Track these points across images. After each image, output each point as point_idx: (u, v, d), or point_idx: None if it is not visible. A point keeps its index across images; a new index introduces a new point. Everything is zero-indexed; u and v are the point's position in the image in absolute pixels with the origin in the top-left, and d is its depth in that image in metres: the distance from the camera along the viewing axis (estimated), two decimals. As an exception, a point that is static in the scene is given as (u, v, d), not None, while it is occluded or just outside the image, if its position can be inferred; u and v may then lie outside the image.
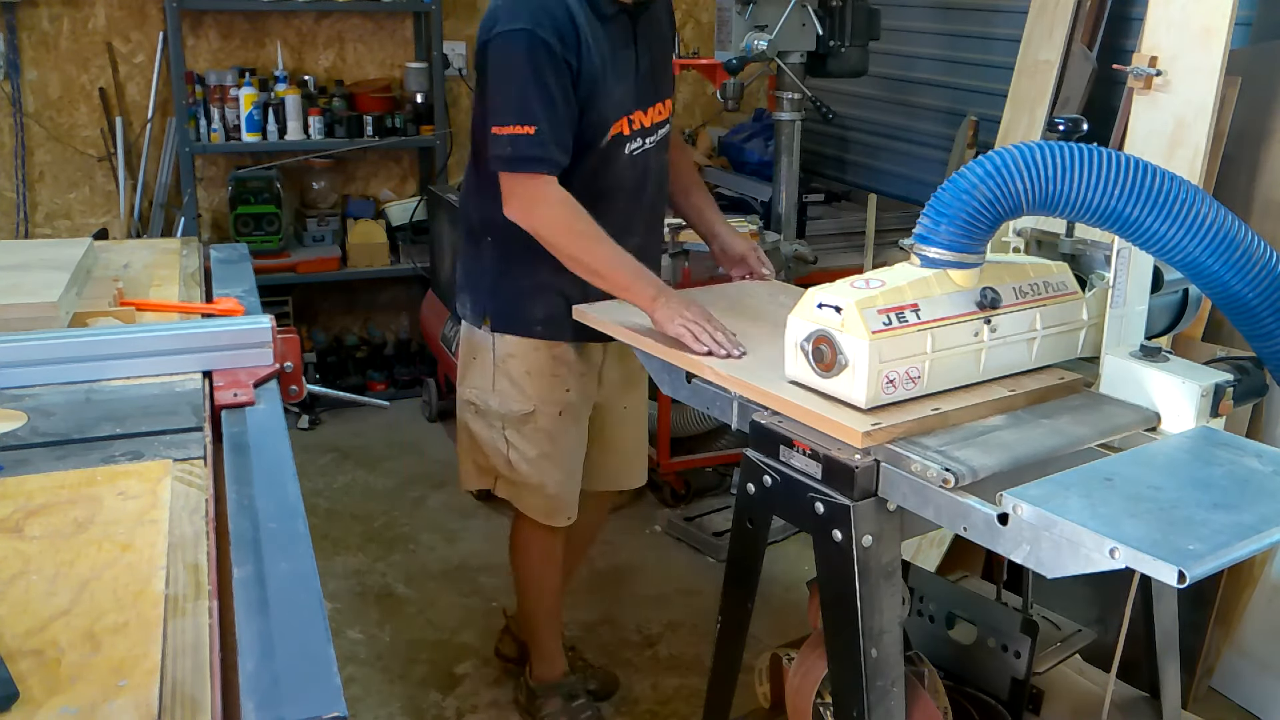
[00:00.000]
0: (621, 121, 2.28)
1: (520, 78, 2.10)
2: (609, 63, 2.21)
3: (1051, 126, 1.83)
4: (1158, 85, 2.72)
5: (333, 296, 5.00)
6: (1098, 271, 1.89)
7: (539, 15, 2.09)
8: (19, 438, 1.30)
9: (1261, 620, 2.78)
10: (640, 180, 2.38)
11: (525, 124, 2.10)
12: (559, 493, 2.49)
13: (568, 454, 2.48)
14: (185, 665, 0.88)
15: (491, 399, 2.44)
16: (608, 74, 2.20)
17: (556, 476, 2.47)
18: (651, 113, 2.34)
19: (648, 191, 2.41)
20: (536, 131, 2.10)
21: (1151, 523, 1.39)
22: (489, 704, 2.85)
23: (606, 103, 2.22)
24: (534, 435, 2.43)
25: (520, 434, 2.43)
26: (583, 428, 2.51)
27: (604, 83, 2.20)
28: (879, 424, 1.65)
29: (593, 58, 2.16)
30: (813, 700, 1.97)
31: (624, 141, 2.30)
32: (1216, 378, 1.72)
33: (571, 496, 2.52)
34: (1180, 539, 1.34)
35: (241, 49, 4.66)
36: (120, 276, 1.89)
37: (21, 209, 4.49)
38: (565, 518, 2.53)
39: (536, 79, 2.09)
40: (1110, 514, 1.40)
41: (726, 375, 1.93)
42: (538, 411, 2.41)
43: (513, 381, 2.41)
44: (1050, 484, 1.49)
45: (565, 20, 2.11)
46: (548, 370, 2.39)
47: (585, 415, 2.51)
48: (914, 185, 4.23)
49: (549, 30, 2.09)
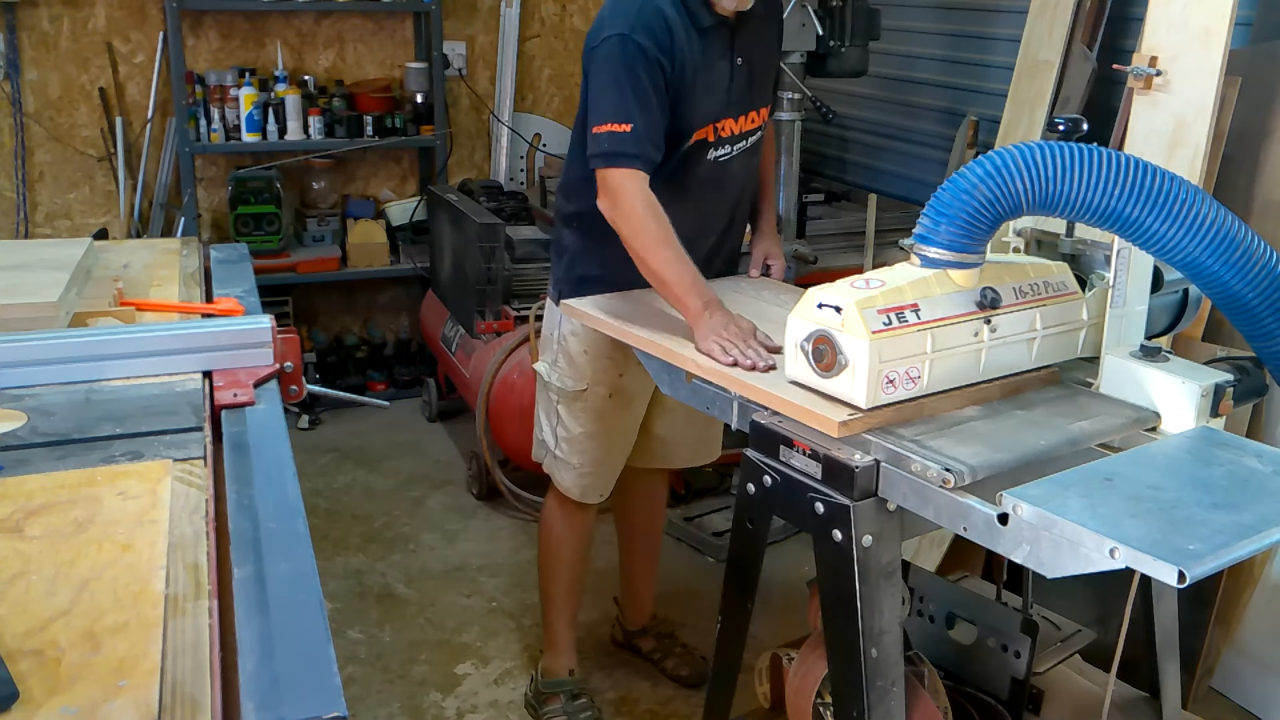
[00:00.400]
0: (707, 129, 2.34)
1: (619, 79, 2.20)
2: (701, 72, 2.28)
3: (1051, 126, 1.83)
4: (1158, 85, 2.72)
5: (333, 296, 5.00)
6: (1098, 271, 1.89)
7: (635, 22, 2.20)
8: (19, 438, 1.30)
9: (1261, 620, 2.78)
10: (722, 184, 2.45)
11: (622, 122, 2.19)
12: (594, 471, 2.59)
13: (612, 434, 2.57)
14: (185, 665, 0.88)
15: (553, 373, 2.56)
16: (698, 83, 2.28)
17: (596, 455, 2.57)
18: (743, 121, 2.41)
19: (730, 195, 2.48)
20: (632, 129, 2.19)
21: (1151, 523, 1.39)
22: (489, 704, 2.85)
23: (694, 110, 2.30)
24: (582, 413, 2.54)
25: (570, 410, 2.55)
26: (634, 413, 2.59)
27: (693, 91, 2.28)
28: (855, 415, 1.68)
29: (685, 66, 2.25)
30: (813, 700, 1.97)
31: (708, 148, 2.36)
32: (1216, 378, 1.72)
33: (606, 478, 2.63)
34: (1180, 539, 1.34)
35: (241, 49, 4.66)
36: (120, 276, 1.89)
37: (21, 209, 4.49)
38: (598, 495, 2.64)
39: (633, 80, 2.19)
40: (1110, 514, 1.40)
41: (708, 368, 1.97)
42: (589, 391, 2.51)
43: (571, 359, 2.51)
44: (1050, 484, 1.49)
45: (662, 28, 2.21)
46: (604, 353, 2.47)
47: (638, 402, 2.59)
48: (914, 185, 4.23)
49: (645, 35, 2.19)
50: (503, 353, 3.72)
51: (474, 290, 3.94)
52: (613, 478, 2.64)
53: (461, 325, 4.14)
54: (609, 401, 2.52)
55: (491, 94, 5.07)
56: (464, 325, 4.11)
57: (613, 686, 2.94)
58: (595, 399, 2.52)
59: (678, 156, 2.31)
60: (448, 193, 4.41)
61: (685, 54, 2.24)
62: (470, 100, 5.04)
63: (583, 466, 2.58)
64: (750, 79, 2.39)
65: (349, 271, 4.71)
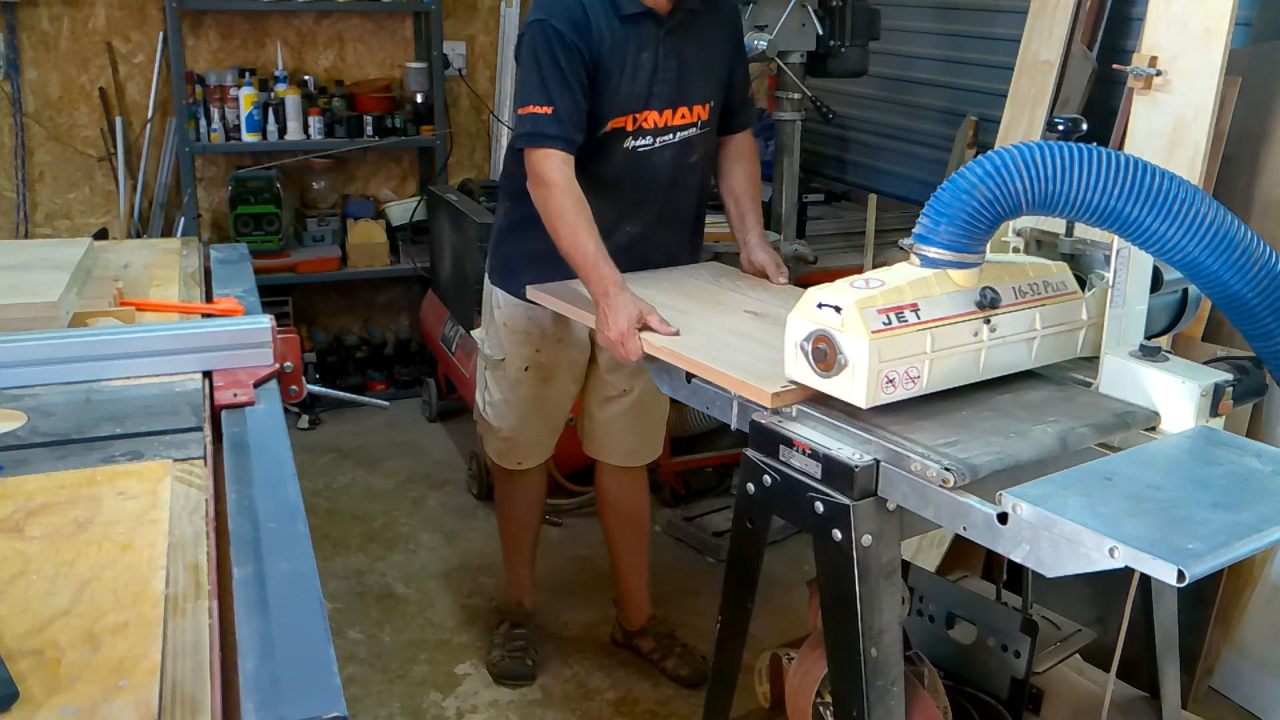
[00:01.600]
0: (625, 118, 2.41)
1: (540, 63, 2.30)
2: (621, 61, 2.35)
3: (1051, 126, 1.83)
4: (1158, 85, 2.72)
5: (333, 296, 5.00)
6: (1098, 271, 1.89)
7: (555, 7, 2.31)
8: (19, 438, 1.30)
9: (1261, 620, 2.78)
10: (645, 176, 2.49)
11: (543, 104, 2.29)
12: (512, 437, 2.81)
13: (526, 404, 2.75)
14: (185, 665, 0.88)
15: (484, 342, 2.78)
16: (616, 71, 2.35)
17: (512, 422, 2.78)
18: (670, 115, 2.46)
19: (656, 188, 2.52)
20: (553, 111, 2.29)
21: (1151, 522, 1.39)
22: (489, 704, 2.85)
23: (610, 98, 2.37)
24: (501, 381, 2.75)
25: (493, 377, 2.77)
26: (555, 389, 2.75)
27: (610, 78, 2.35)
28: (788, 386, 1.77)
29: (601, 53, 2.33)
30: (813, 700, 1.97)
31: (624, 136, 2.43)
32: (1216, 378, 1.71)
33: (525, 448, 2.84)
34: (1180, 538, 1.34)
35: (241, 49, 4.66)
36: (120, 276, 1.89)
37: (21, 209, 4.49)
38: (515, 462, 2.85)
39: (552, 64, 2.29)
40: (1110, 513, 1.40)
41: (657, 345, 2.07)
42: (507, 361, 2.71)
43: (496, 330, 2.72)
44: (1050, 483, 1.49)
45: (580, 14, 2.31)
46: (521, 328, 2.66)
47: (561, 377, 2.73)
48: (914, 185, 4.23)
49: (563, 20, 2.29)
50: (503, 353, 3.71)
51: (474, 290, 3.92)
52: (534, 448, 2.84)
53: (461, 325, 4.14)
54: (525, 374, 2.70)
55: (491, 94, 5.07)
56: (464, 325, 4.11)
57: (613, 686, 2.94)
58: (512, 370, 2.71)
59: (593, 141, 2.38)
60: (448, 193, 4.40)
61: (603, 41, 2.33)
62: (470, 100, 5.04)
63: (500, 431, 2.80)
64: (682, 74, 2.43)
65: (349, 271, 4.71)
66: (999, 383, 1.83)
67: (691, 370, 2.00)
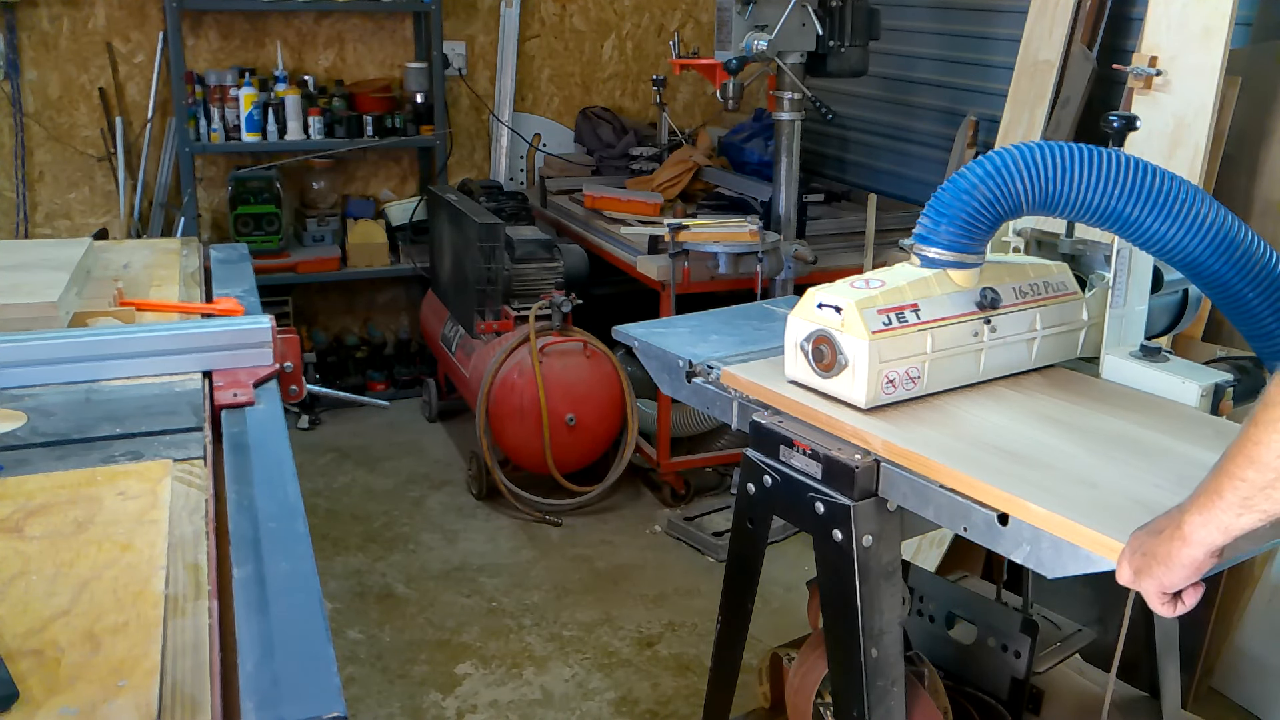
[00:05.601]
0: None
1: None
2: None
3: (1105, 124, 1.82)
4: (1158, 85, 2.72)
5: (333, 296, 5.00)
6: (1098, 271, 1.89)
7: None
8: (19, 438, 1.30)
9: (1261, 620, 2.78)
10: None
11: None
12: None
13: None
14: (185, 665, 0.88)
15: None
16: None
17: None
18: None
19: None
20: None
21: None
22: (489, 704, 2.85)
23: None
24: None
25: None
26: None
27: None
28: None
29: None
30: (813, 700, 1.97)
31: None
32: (1216, 378, 1.71)
33: None
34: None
35: (241, 49, 4.66)
36: (120, 276, 1.89)
37: (21, 209, 4.49)
38: None
39: None
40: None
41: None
42: None
43: None
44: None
45: None
46: None
47: None
48: (914, 185, 4.24)
49: None
50: (503, 353, 3.72)
51: (474, 290, 3.94)
52: None
53: (461, 325, 4.14)
54: None
55: (491, 94, 5.07)
56: (464, 325, 4.11)
57: (613, 686, 2.94)
58: None
59: None
60: (448, 193, 4.40)
61: None
62: (470, 100, 5.04)
63: None
64: None
65: (349, 271, 4.71)
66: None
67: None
